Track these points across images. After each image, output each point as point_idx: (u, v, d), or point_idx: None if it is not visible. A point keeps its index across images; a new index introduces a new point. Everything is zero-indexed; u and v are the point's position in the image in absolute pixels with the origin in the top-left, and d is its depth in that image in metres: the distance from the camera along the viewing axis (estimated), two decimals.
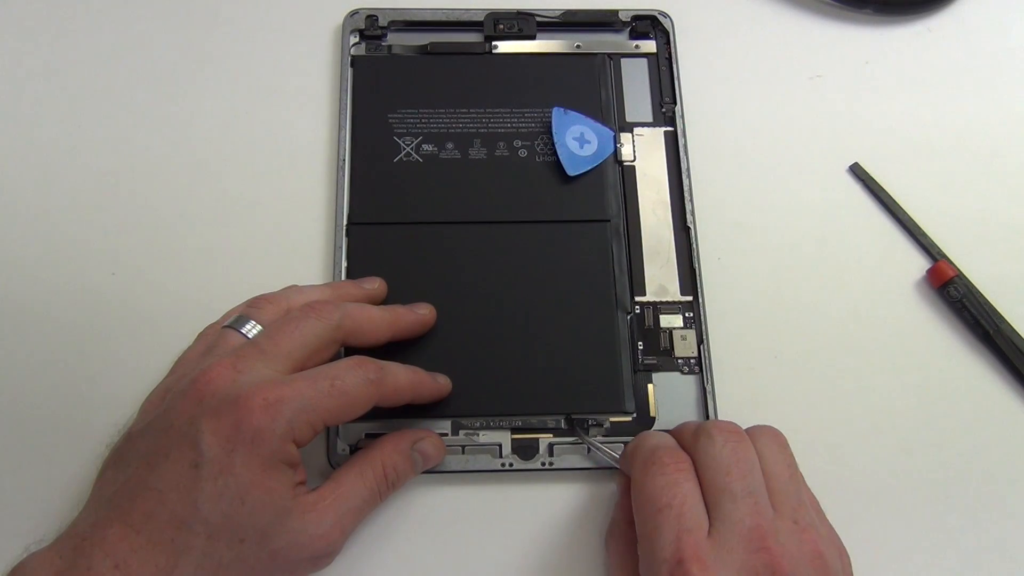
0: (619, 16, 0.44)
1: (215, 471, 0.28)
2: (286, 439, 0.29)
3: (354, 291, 0.36)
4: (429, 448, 0.34)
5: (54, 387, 0.36)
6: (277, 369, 0.30)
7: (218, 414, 0.28)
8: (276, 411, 0.28)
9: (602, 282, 0.38)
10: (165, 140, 0.41)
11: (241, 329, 0.32)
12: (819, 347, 0.38)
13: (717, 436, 0.31)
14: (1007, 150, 0.43)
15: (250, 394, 0.28)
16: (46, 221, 0.40)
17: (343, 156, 0.40)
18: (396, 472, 0.33)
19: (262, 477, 0.28)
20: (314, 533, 0.29)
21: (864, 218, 0.41)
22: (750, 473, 0.30)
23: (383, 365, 0.32)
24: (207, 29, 0.44)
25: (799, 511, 0.30)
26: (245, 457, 0.28)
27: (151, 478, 0.28)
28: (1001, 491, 0.36)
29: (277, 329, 0.32)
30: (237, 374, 0.29)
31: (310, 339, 0.31)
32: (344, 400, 0.30)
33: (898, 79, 0.44)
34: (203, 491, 0.27)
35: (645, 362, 0.37)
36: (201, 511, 0.27)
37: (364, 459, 0.32)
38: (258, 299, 0.34)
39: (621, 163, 0.41)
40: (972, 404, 0.38)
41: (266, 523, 0.28)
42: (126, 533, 0.27)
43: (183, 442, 0.28)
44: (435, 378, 0.35)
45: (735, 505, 0.29)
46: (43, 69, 0.43)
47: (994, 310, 0.38)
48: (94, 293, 0.38)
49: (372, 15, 0.43)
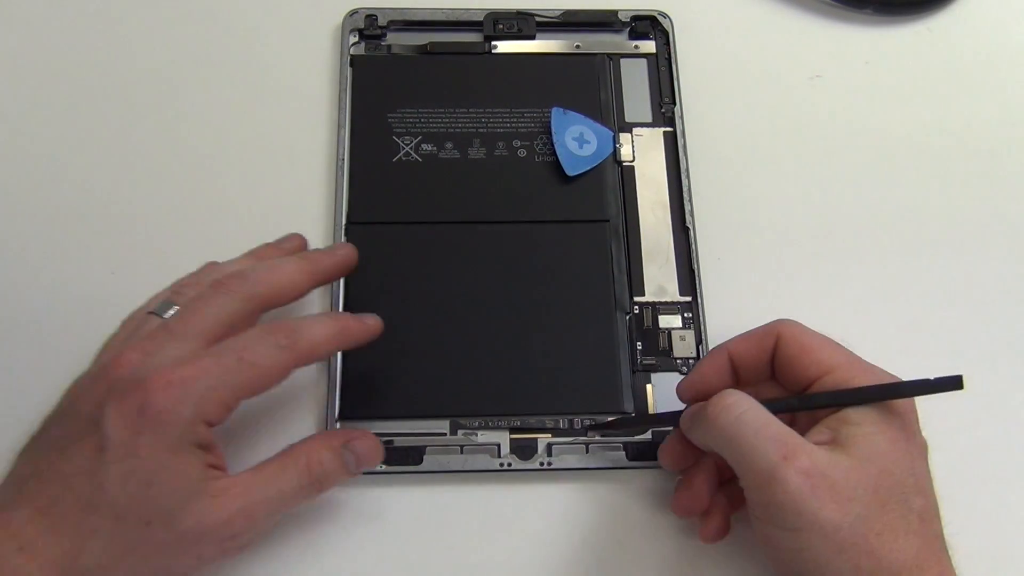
0: (619, 16, 0.44)
1: (120, 454, 0.28)
2: (195, 420, 0.28)
3: (274, 254, 0.36)
4: (363, 448, 0.32)
5: (55, 387, 0.36)
6: (189, 348, 0.30)
7: (124, 397, 0.28)
8: (181, 391, 0.28)
9: (601, 282, 0.38)
10: (165, 140, 0.41)
11: (163, 314, 0.32)
12: None
13: None
14: (1007, 150, 0.43)
15: (154, 375, 0.28)
16: (46, 221, 0.40)
17: (342, 155, 0.40)
18: (323, 468, 0.31)
19: (169, 459, 0.28)
20: (218, 518, 0.28)
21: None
22: None
23: (297, 326, 0.31)
24: (207, 29, 0.44)
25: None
26: (150, 439, 0.28)
27: (59, 462, 0.28)
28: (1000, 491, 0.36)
29: (187, 308, 0.31)
30: (147, 357, 0.29)
31: (222, 316, 0.31)
32: (255, 372, 0.29)
33: (898, 79, 0.44)
34: (109, 474, 0.28)
35: (644, 362, 0.37)
36: (107, 494, 0.27)
37: (290, 451, 0.31)
38: (180, 283, 0.34)
39: (620, 163, 0.41)
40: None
41: (173, 505, 0.28)
42: (32, 516, 0.27)
43: (90, 426, 0.28)
44: (362, 319, 0.33)
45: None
46: (43, 69, 0.43)
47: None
48: (94, 293, 0.38)
49: (372, 15, 0.43)
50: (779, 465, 0.28)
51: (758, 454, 0.28)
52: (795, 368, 0.31)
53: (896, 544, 0.28)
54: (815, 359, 0.31)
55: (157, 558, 0.28)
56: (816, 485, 0.27)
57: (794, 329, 0.32)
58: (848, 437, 0.29)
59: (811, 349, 0.31)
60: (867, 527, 0.27)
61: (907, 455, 0.29)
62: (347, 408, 0.35)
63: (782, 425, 0.29)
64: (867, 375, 0.30)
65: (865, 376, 0.30)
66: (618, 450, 0.35)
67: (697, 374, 0.33)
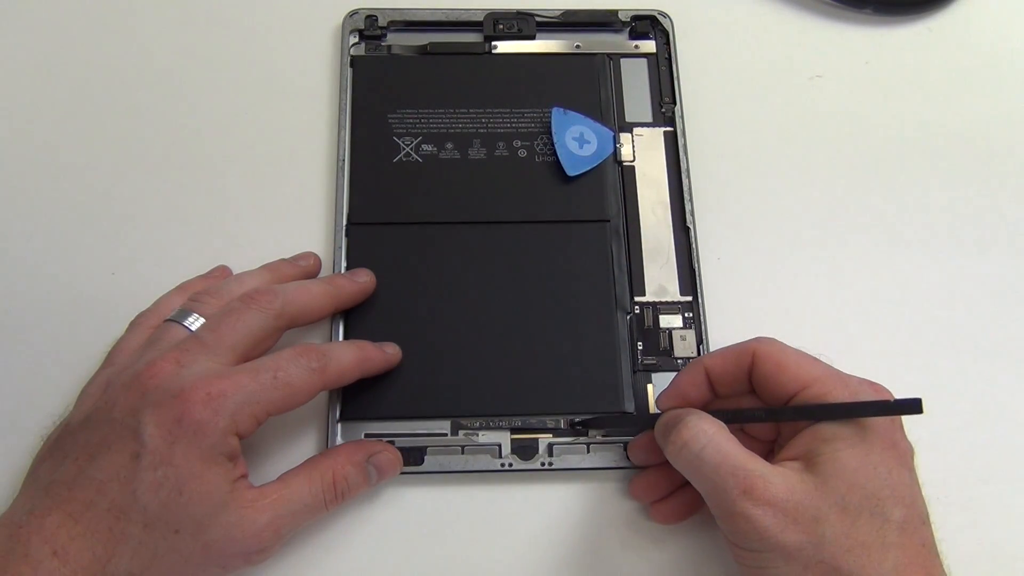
0: (619, 16, 0.44)
1: (155, 462, 0.28)
2: (227, 432, 0.29)
3: (291, 271, 0.37)
4: (385, 462, 0.34)
5: (55, 387, 0.36)
6: (220, 362, 0.31)
7: (160, 406, 0.29)
8: (218, 404, 0.29)
9: (602, 282, 0.38)
10: (165, 140, 0.41)
11: (184, 322, 0.32)
12: (818, 347, 0.38)
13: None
14: (1007, 150, 0.43)
15: (193, 387, 0.29)
16: (47, 221, 0.40)
17: (343, 156, 0.40)
18: (347, 483, 0.32)
19: (201, 469, 0.28)
20: (247, 530, 0.29)
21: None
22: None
23: (326, 351, 0.32)
24: (207, 29, 0.44)
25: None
26: (185, 449, 0.28)
27: (91, 468, 0.28)
28: (1000, 491, 0.36)
29: (219, 322, 0.32)
30: (180, 368, 0.30)
31: (253, 330, 0.32)
32: (287, 391, 0.31)
33: (898, 79, 0.44)
34: (142, 481, 0.28)
35: (645, 362, 0.37)
36: (139, 501, 0.28)
37: (316, 465, 0.32)
38: (199, 292, 0.34)
39: (621, 163, 0.41)
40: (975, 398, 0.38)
41: (202, 515, 0.28)
42: (64, 521, 0.27)
43: (125, 433, 0.29)
44: (383, 348, 0.35)
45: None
46: (44, 69, 0.43)
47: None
48: (94, 293, 0.38)
49: (372, 15, 0.43)
50: (739, 499, 0.28)
51: (718, 489, 0.29)
52: (772, 385, 0.31)
53: (870, 559, 0.28)
54: (792, 375, 0.31)
55: (183, 567, 0.29)
56: (777, 513, 0.28)
57: (770, 348, 0.32)
58: (818, 455, 0.29)
59: (787, 366, 0.31)
60: (836, 546, 0.28)
61: (882, 466, 0.29)
62: (349, 408, 0.35)
63: (742, 453, 0.29)
64: (843, 389, 0.30)
65: (841, 390, 0.30)
66: (619, 450, 0.35)
67: (675, 388, 0.33)
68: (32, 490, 0.29)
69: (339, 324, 0.37)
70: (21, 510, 0.28)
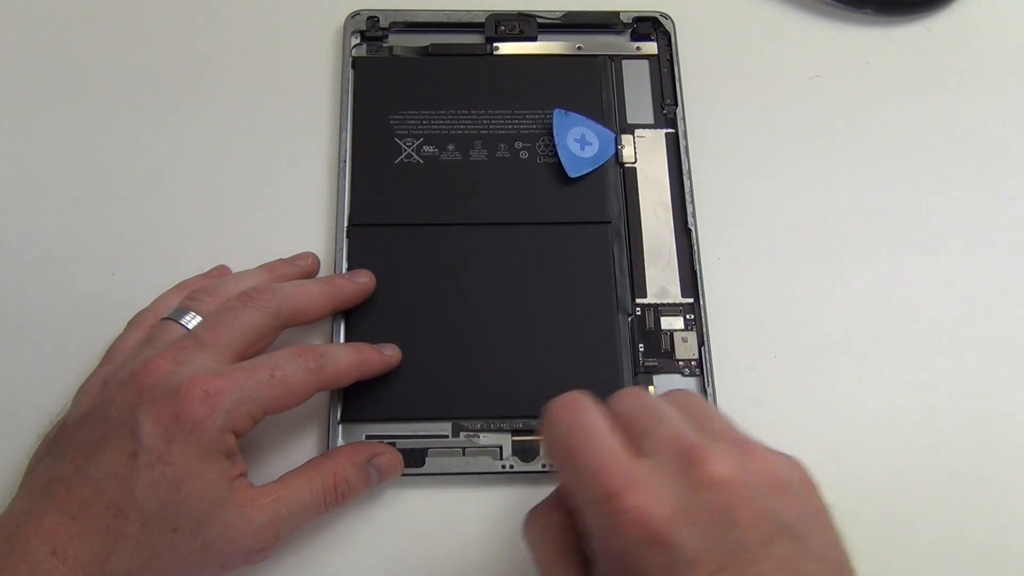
0: (620, 18, 0.44)
1: (153, 460, 0.28)
2: (224, 429, 0.29)
3: (289, 270, 0.37)
4: (386, 464, 0.34)
5: (55, 387, 0.36)
6: (217, 360, 0.31)
7: (157, 404, 0.29)
8: (215, 402, 0.29)
9: (603, 284, 0.38)
10: (166, 141, 0.41)
11: (181, 320, 0.33)
12: (819, 347, 0.39)
13: (622, 396, 0.27)
14: (1007, 150, 0.43)
15: (190, 385, 0.29)
16: (46, 221, 0.40)
17: (344, 157, 0.40)
18: (348, 484, 0.32)
19: (198, 467, 0.28)
20: (246, 529, 0.29)
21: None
22: (666, 414, 0.26)
23: (324, 352, 0.32)
24: (207, 30, 0.44)
25: (733, 432, 0.26)
26: (183, 447, 0.28)
27: (89, 467, 0.28)
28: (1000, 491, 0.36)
29: (216, 320, 0.32)
30: (177, 365, 0.30)
31: (250, 328, 0.32)
32: (284, 390, 0.31)
33: (898, 79, 0.44)
34: (140, 479, 0.28)
35: (646, 364, 0.37)
36: (137, 499, 0.28)
37: (317, 466, 0.32)
38: (197, 290, 0.34)
39: (622, 165, 0.41)
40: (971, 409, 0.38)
41: (200, 513, 0.29)
42: (63, 520, 0.28)
43: (122, 432, 0.29)
44: (382, 351, 0.35)
45: (657, 435, 0.25)
46: (43, 69, 0.43)
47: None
48: (94, 293, 0.38)
49: (373, 16, 0.43)
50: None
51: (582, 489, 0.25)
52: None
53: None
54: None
55: (182, 565, 0.29)
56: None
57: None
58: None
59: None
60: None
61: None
62: (350, 410, 0.35)
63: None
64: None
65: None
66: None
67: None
68: (30, 489, 0.29)
69: (340, 325, 0.37)
70: (19, 509, 0.28)
